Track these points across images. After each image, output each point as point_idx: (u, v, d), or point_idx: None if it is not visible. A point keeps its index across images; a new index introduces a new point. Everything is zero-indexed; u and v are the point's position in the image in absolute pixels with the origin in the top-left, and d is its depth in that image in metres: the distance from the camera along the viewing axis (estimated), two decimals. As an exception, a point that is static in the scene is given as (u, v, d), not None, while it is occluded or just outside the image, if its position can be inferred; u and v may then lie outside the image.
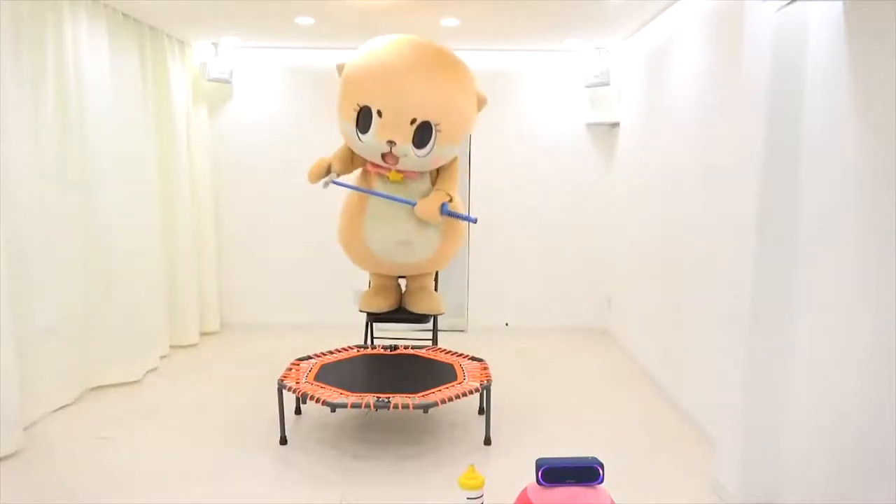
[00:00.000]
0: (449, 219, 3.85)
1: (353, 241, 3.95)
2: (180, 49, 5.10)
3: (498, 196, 5.71)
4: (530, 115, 5.63)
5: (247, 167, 5.68)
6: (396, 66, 3.51)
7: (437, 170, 3.92)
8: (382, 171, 3.78)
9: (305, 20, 4.50)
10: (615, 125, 5.50)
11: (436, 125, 3.54)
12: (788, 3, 2.46)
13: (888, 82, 2.03)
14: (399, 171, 3.75)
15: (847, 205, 2.23)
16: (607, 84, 5.37)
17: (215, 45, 5.31)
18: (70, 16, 3.82)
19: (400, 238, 3.82)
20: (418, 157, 3.61)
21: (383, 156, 3.62)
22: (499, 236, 5.76)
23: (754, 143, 2.65)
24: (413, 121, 3.50)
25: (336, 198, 4.20)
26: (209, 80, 5.35)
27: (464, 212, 4.00)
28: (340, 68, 3.75)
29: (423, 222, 3.79)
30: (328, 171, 3.82)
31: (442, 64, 3.60)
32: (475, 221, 3.92)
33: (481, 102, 3.82)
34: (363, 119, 3.56)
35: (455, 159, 3.95)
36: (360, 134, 3.59)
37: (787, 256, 2.59)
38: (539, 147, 5.66)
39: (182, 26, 4.75)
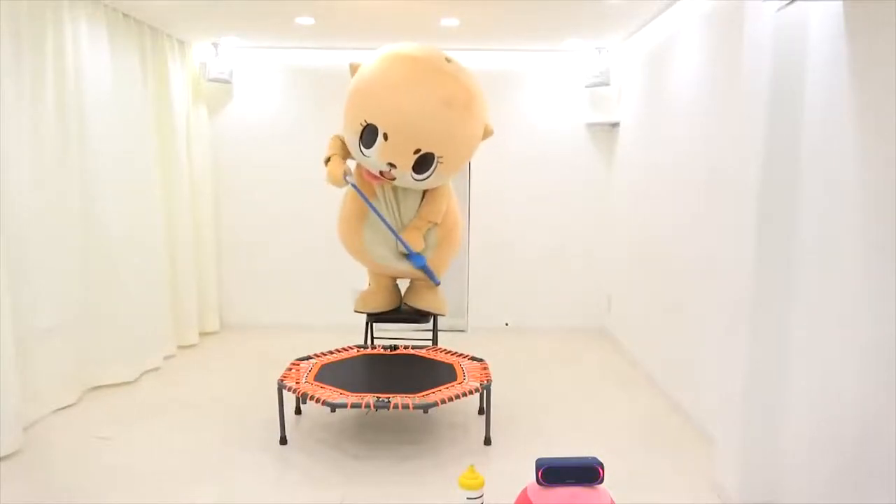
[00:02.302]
0: (446, 230, 3.97)
1: (352, 245, 4.01)
2: (180, 49, 5.10)
3: (498, 196, 5.71)
4: (530, 115, 5.63)
5: (247, 167, 5.68)
6: (408, 88, 3.42)
7: None
8: (378, 180, 3.75)
9: (305, 20, 4.50)
10: (615, 125, 5.50)
11: (438, 157, 3.54)
12: (788, 3, 2.46)
13: (888, 82, 2.03)
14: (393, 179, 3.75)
15: (847, 205, 2.23)
16: (607, 84, 5.37)
17: (215, 45, 5.31)
18: (70, 16, 3.82)
19: (396, 249, 3.90)
20: (415, 181, 3.64)
21: (381, 171, 3.62)
22: (499, 236, 5.76)
23: (754, 143, 2.65)
24: (417, 150, 3.48)
25: (335, 197, 4.20)
26: (209, 80, 5.35)
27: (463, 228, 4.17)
28: (354, 68, 3.68)
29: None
30: (346, 172, 3.81)
31: (456, 96, 3.49)
32: (438, 283, 4.11)
33: (487, 134, 3.78)
34: (368, 134, 3.51)
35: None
36: (363, 147, 3.58)
37: (787, 256, 2.59)
38: (539, 147, 5.66)
39: (182, 26, 4.75)
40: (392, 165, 3.51)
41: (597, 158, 5.67)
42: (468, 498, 2.39)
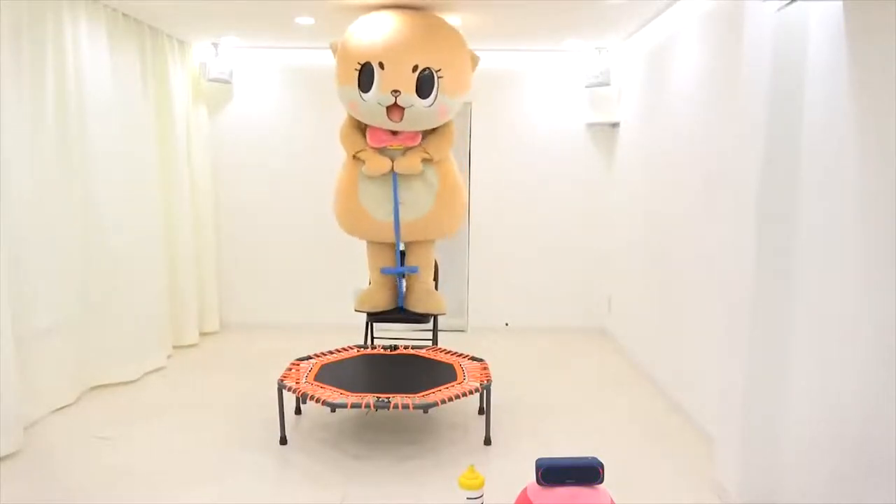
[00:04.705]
0: (445, 183, 3.99)
1: (350, 204, 4.01)
2: (180, 49, 5.10)
3: (498, 196, 5.71)
4: (530, 115, 5.63)
5: (247, 167, 5.68)
6: (392, 23, 3.68)
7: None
8: (384, 142, 3.83)
9: (305, 20, 4.50)
10: (615, 125, 5.50)
11: (437, 72, 3.65)
12: (788, 3, 2.46)
13: (888, 82, 2.03)
14: (400, 143, 3.84)
15: (847, 204, 2.23)
16: (607, 84, 5.37)
17: (215, 45, 5.31)
18: (70, 16, 3.82)
19: (391, 197, 3.94)
20: (424, 107, 3.68)
21: (388, 111, 3.67)
22: (499, 236, 5.76)
23: (754, 143, 2.65)
24: (415, 68, 3.60)
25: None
26: (209, 80, 5.35)
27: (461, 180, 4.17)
28: (335, 47, 3.85)
29: (413, 184, 3.93)
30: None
31: (434, 23, 3.79)
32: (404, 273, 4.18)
33: (475, 61, 3.95)
34: (365, 78, 3.64)
35: (449, 123, 4.03)
36: (362, 94, 3.66)
37: (787, 256, 2.59)
38: (539, 147, 5.66)
39: (182, 26, 4.75)
40: (396, 92, 3.60)
41: (597, 158, 5.67)
42: (468, 498, 2.39)
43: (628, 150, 5.18)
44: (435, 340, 4.29)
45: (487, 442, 3.43)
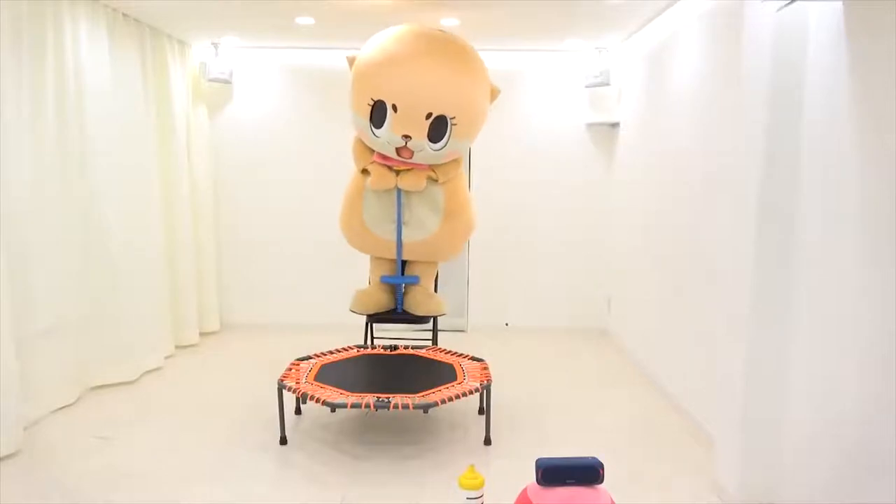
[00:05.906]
0: (453, 203, 3.90)
1: (354, 227, 3.98)
2: (180, 49, 5.10)
3: (498, 196, 5.71)
4: (530, 115, 5.63)
5: (247, 167, 5.68)
6: (410, 59, 3.49)
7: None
8: (391, 164, 3.76)
9: (305, 20, 4.50)
10: (615, 125, 5.50)
11: (451, 119, 3.53)
12: (788, 3, 2.46)
13: (888, 82, 2.03)
14: (406, 166, 3.74)
15: (847, 204, 2.23)
16: (607, 84, 5.37)
17: (215, 45, 5.31)
18: (70, 16, 3.82)
19: (394, 216, 3.87)
20: (434, 151, 3.61)
21: (398, 150, 3.62)
22: (499, 236, 5.76)
23: (754, 143, 2.65)
24: (429, 115, 3.48)
25: (335, 197, 4.20)
26: (209, 80, 5.35)
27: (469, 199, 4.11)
28: (351, 61, 3.73)
29: (419, 204, 3.85)
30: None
31: (455, 56, 3.59)
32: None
33: (494, 94, 3.80)
34: (377, 114, 3.54)
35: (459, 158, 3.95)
36: (374, 129, 3.59)
37: (787, 256, 2.59)
38: (539, 147, 5.66)
39: (182, 26, 4.75)
40: (407, 137, 3.51)
41: (597, 158, 5.67)
42: (468, 498, 2.39)
43: (628, 150, 5.18)
44: (435, 340, 4.29)
45: (487, 442, 3.43)
